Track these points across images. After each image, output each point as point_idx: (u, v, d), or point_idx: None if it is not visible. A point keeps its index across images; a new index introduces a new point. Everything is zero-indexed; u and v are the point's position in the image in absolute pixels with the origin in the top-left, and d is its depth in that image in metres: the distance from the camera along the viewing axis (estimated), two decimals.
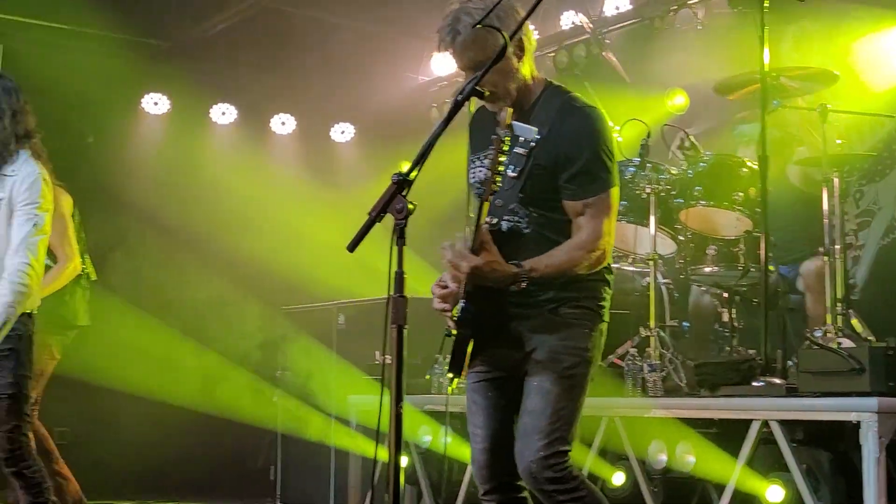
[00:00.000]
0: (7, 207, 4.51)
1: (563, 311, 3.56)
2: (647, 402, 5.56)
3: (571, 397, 3.53)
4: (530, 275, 3.41)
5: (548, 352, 3.53)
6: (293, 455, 8.63)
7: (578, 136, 3.51)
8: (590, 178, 3.50)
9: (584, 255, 3.48)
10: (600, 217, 3.51)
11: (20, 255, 4.46)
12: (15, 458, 4.52)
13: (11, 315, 4.43)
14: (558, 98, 3.59)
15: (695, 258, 6.35)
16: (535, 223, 3.56)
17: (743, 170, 6.16)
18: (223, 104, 10.61)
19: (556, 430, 3.47)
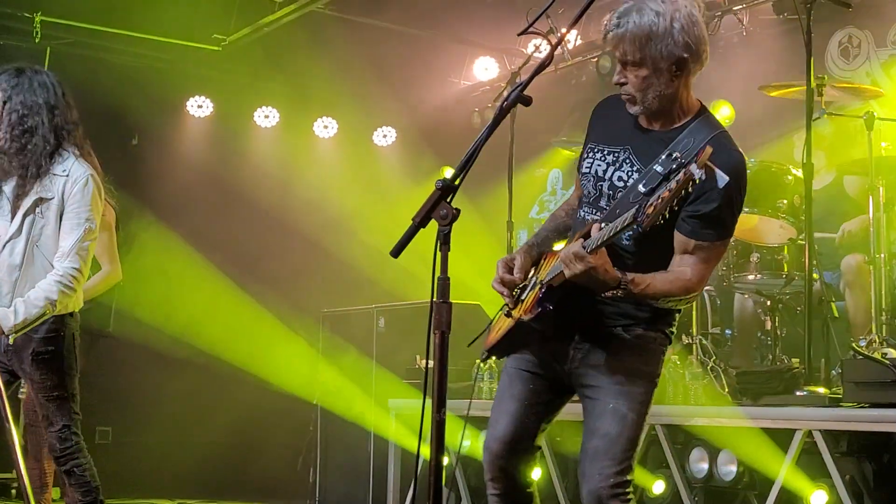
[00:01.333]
0: (57, 208, 4.55)
1: (638, 332, 3.46)
2: (689, 410, 5.52)
3: (642, 424, 3.47)
4: (629, 287, 3.27)
5: (626, 373, 3.43)
6: (332, 457, 8.66)
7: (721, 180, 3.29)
8: (715, 222, 3.33)
9: (681, 293, 3.35)
10: (708, 263, 3.37)
11: (71, 258, 4.49)
12: (66, 456, 4.56)
13: (49, 311, 4.46)
14: (709, 130, 3.40)
15: (738, 265, 6.30)
16: (638, 241, 3.40)
17: (788, 177, 6.11)
18: (267, 108, 10.67)
19: (627, 458, 3.41)
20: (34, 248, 4.53)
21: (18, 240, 4.53)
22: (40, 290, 4.44)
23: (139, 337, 9.18)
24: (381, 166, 11.05)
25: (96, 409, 4.73)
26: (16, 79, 4.61)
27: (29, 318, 4.42)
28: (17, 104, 4.56)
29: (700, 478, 5.45)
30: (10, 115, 4.55)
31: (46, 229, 4.53)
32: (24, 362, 4.54)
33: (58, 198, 4.53)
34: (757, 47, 8.19)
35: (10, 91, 4.58)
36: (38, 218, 4.53)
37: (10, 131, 4.55)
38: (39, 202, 4.53)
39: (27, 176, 4.53)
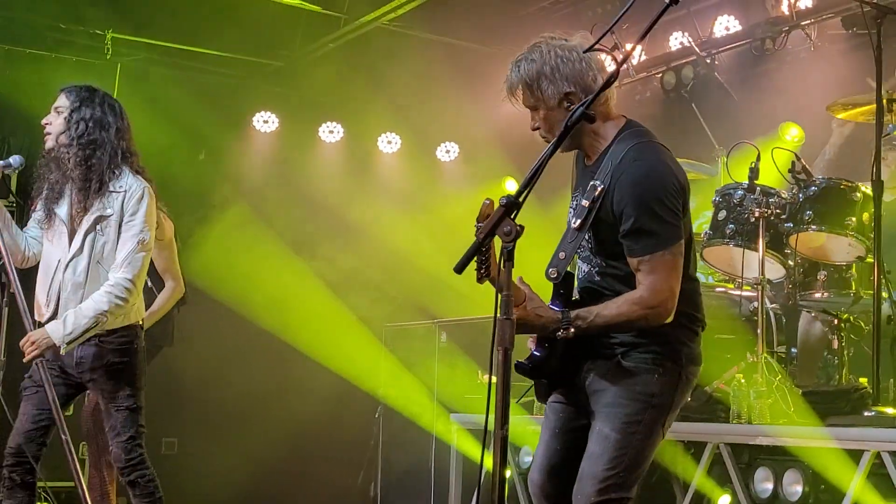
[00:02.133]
0: (116, 223, 4.62)
1: (634, 356, 3.50)
2: (754, 430, 5.46)
3: (631, 444, 3.46)
4: (576, 322, 3.36)
5: (611, 397, 3.50)
6: (394, 472, 8.67)
7: (631, 191, 3.39)
8: (643, 235, 3.38)
9: (638, 311, 3.38)
10: (657, 274, 3.38)
11: (124, 269, 4.57)
12: (130, 467, 4.64)
13: (102, 322, 4.52)
14: (626, 145, 3.48)
15: (804, 283, 6.23)
16: (606, 274, 3.53)
17: (856, 194, 6.03)
18: (331, 123, 10.75)
19: (610, 478, 3.43)
20: (97, 265, 4.60)
21: (81, 258, 4.61)
22: (91, 301, 4.52)
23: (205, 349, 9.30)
24: (444, 181, 11.07)
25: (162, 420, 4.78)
26: (87, 93, 4.72)
27: (78, 329, 4.48)
28: (87, 114, 4.66)
29: (765, 498, 5.38)
30: (77, 124, 4.64)
31: (107, 246, 4.61)
32: (96, 373, 4.61)
33: (117, 214, 4.60)
34: (825, 62, 8.09)
35: (80, 103, 4.68)
36: (98, 235, 4.60)
37: (78, 139, 4.63)
38: (100, 220, 4.60)
39: (88, 190, 4.60)
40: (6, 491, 4.60)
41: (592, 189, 3.44)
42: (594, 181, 3.45)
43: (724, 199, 6.36)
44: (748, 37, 8.58)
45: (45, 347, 4.49)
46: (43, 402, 4.61)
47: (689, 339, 3.57)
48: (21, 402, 4.71)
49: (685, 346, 3.56)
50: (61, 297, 4.62)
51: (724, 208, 6.31)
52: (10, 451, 4.60)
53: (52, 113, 4.74)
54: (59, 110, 4.71)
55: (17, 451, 4.60)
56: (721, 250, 6.36)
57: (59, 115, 4.70)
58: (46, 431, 4.64)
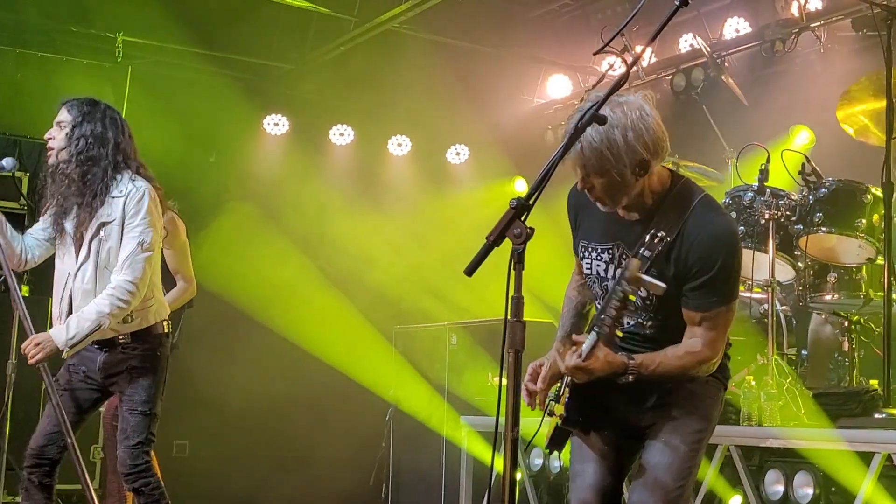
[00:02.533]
0: (119, 227, 4.63)
1: (692, 382, 3.54)
2: (765, 432, 5.46)
3: (694, 459, 3.53)
4: (639, 370, 3.39)
5: (679, 413, 3.53)
6: (405, 473, 8.68)
7: (714, 248, 3.38)
8: (713, 291, 3.40)
9: (695, 364, 3.44)
10: (717, 330, 3.43)
11: (124, 272, 4.57)
12: (135, 474, 4.64)
13: (104, 325, 4.52)
14: (688, 200, 3.44)
15: (815, 286, 6.23)
16: (660, 327, 3.53)
17: (866, 196, 6.03)
18: (341, 125, 10.77)
19: (677, 489, 3.47)
20: (103, 270, 4.61)
21: (87, 265, 4.63)
22: (93, 304, 4.53)
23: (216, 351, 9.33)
24: (453, 183, 11.08)
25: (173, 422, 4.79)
26: (89, 107, 4.72)
27: (81, 332, 4.49)
28: (87, 130, 4.67)
29: (776, 500, 5.37)
30: (78, 140, 4.65)
31: (112, 251, 4.61)
32: (119, 377, 4.64)
33: (119, 218, 4.61)
34: (835, 64, 8.09)
35: (82, 118, 4.69)
36: (103, 241, 4.61)
37: (76, 155, 4.64)
38: (103, 226, 4.61)
39: (83, 204, 4.62)
40: (24, 492, 4.62)
41: (655, 239, 3.34)
42: (656, 232, 3.34)
43: (734, 201, 6.36)
44: (758, 39, 8.57)
45: (49, 351, 4.50)
46: (65, 405, 4.64)
47: (728, 360, 3.68)
48: (46, 405, 4.73)
49: (728, 368, 3.69)
50: (73, 305, 4.63)
51: (734, 210, 6.31)
52: (31, 452, 4.63)
53: (54, 127, 4.74)
54: (61, 125, 4.72)
55: (38, 453, 4.62)
56: None
57: (61, 130, 4.71)
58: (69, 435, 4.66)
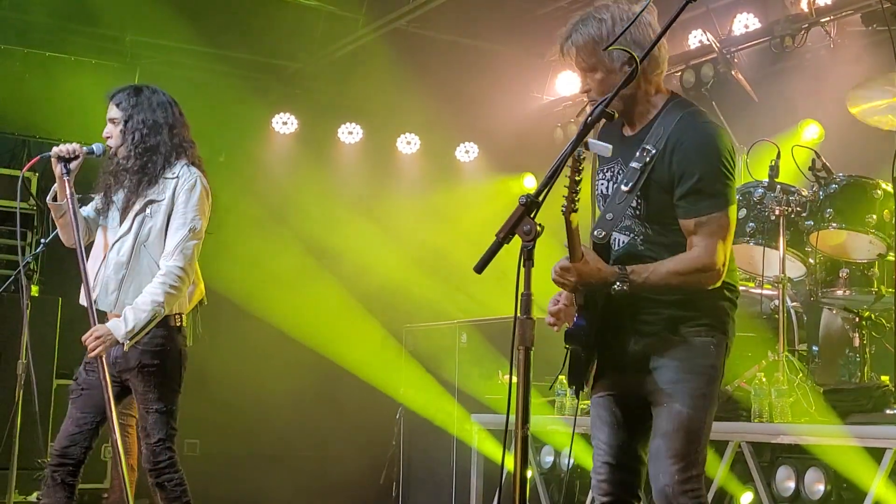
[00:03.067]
0: (166, 209, 4.65)
1: (684, 331, 3.49)
2: (775, 428, 5.44)
3: (702, 418, 3.47)
4: (632, 277, 3.36)
5: (676, 371, 3.47)
6: (415, 472, 8.69)
7: (696, 152, 3.42)
8: (705, 195, 3.41)
9: (692, 271, 3.40)
10: (715, 236, 3.40)
11: (175, 258, 4.59)
12: (158, 469, 4.64)
13: (159, 313, 4.53)
14: (679, 112, 3.50)
15: (826, 281, 6.21)
16: (652, 242, 3.51)
17: (877, 191, 6.01)
18: (350, 124, 10.77)
19: (690, 454, 3.42)
20: (141, 247, 4.63)
21: (127, 238, 4.64)
22: (146, 294, 4.53)
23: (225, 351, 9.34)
24: (463, 181, 11.08)
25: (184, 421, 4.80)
26: (135, 98, 4.75)
27: (139, 323, 4.51)
28: (140, 122, 4.70)
29: (787, 496, 5.36)
30: (133, 133, 4.69)
31: (153, 231, 4.63)
32: (130, 373, 4.64)
33: (167, 200, 4.64)
34: (845, 60, 8.06)
35: (132, 110, 4.71)
36: (147, 218, 4.64)
37: (134, 149, 4.68)
38: (150, 203, 4.64)
39: (139, 186, 4.66)
40: (46, 489, 4.62)
41: (644, 152, 3.44)
42: (645, 145, 3.45)
43: (744, 198, 6.35)
44: (767, 34, 8.54)
45: (110, 344, 4.51)
46: (86, 406, 4.65)
47: (731, 310, 3.59)
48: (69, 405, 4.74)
49: (729, 317, 3.58)
50: (101, 274, 4.65)
51: (744, 206, 6.30)
52: (55, 451, 4.64)
53: (108, 125, 4.77)
54: (114, 121, 4.75)
55: (62, 453, 4.63)
56: (741, 249, 6.35)
57: (115, 127, 4.74)
58: (91, 434, 4.66)
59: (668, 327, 3.50)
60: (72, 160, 4.69)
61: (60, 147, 4.69)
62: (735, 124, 7.89)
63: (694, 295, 3.48)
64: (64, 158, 4.67)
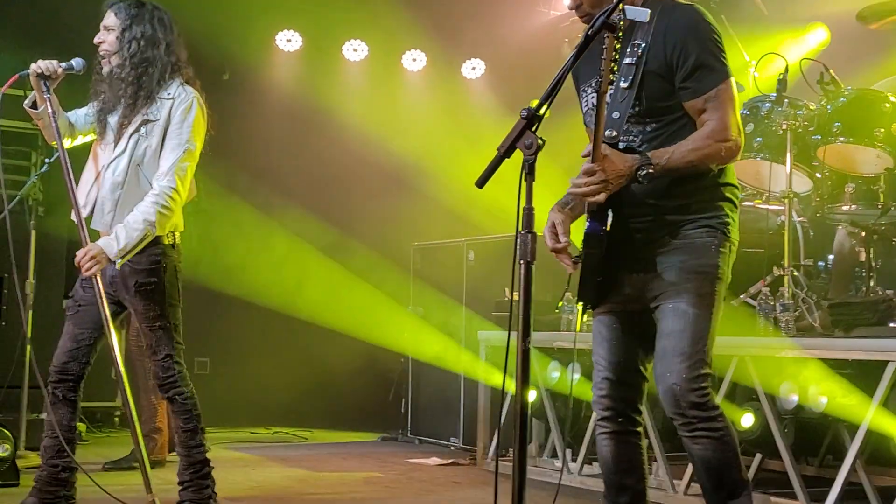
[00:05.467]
0: (161, 129, 4.64)
1: (685, 233, 3.50)
2: (780, 342, 5.46)
3: (708, 317, 3.47)
4: (654, 161, 3.37)
5: (679, 272, 3.48)
6: (424, 389, 8.76)
7: (687, 32, 3.46)
8: (706, 70, 3.45)
9: (713, 145, 3.42)
10: (724, 108, 3.45)
11: (168, 178, 4.58)
12: (168, 384, 4.69)
13: (150, 233, 4.54)
14: (658, 4, 3.53)
15: (832, 196, 6.19)
16: (651, 139, 3.51)
17: (885, 105, 5.95)
18: (355, 41, 10.68)
19: (697, 352, 3.42)
20: (137, 167, 4.63)
21: (122, 158, 4.64)
22: (138, 212, 4.54)
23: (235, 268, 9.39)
24: (470, 98, 11.01)
25: (194, 340, 4.85)
26: (136, 10, 4.72)
27: (131, 241, 4.51)
28: (137, 33, 4.67)
29: (790, 409, 5.39)
30: (130, 43, 4.66)
31: (149, 150, 4.63)
32: (128, 292, 4.66)
33: (163, 120, 4.63)
34: None
35: (131, 20, 4.69)
36: (142, 138, 4.63)
37: (130, 59, 4.66)
38: (145, 123, 4.63)
39: (136, 103, 4.64)
40: (50, 407, 4.69)
41: (634, 47, 3.46)
42: (634, 41, 3.47)
43: (752, 112, 6.30)
44: None
45: (104, 262, 4.52)
46: (83, 322, 4.69)
47: (733, 211, 3.61)
48: (66, 322, 4.78)
49: (731, 218, 3.59)
50: (99, 195, 4.66)
51: (752, 121, 6.26)
52: (54, 368, 4.69)
53: (101, 31, 4.73)
54: (109, 28, 4.71)
55: (61, 369, 4.68)
56: (749, 164, 6.32)
57: (109, 34, 4.70)
58: (89, 350, 4.71)
59: (669, 232, 3.51)
60: (51, 77, 4.67)
61: (39, 63, 4.65)
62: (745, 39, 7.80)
63: (693, 197, 3.51)
64: (43, 75, 4.65)
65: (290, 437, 9.15)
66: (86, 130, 4.86)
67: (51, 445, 4.68)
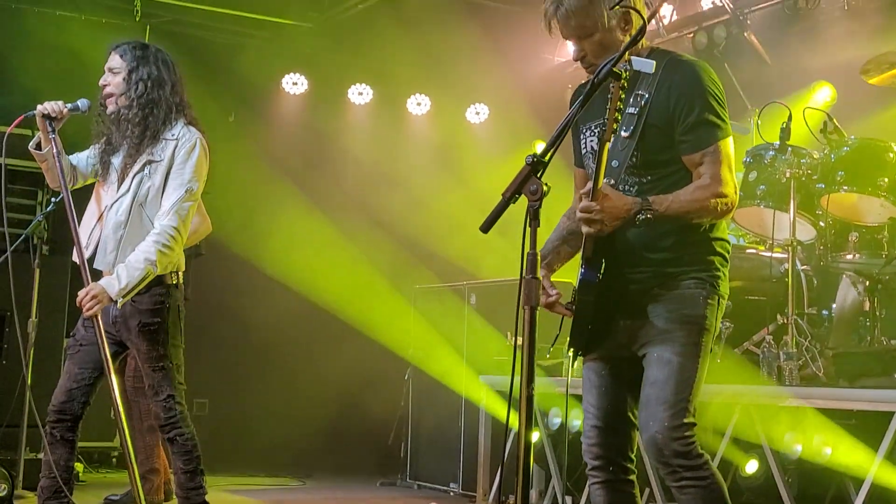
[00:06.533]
0: (164, 170, 4.66)
1: (674, 283, 3.52)
2: (783, 391, 5.43)
3: (693, 367, 3.47)
4: (654, 207, 3.37)
5: (666, 321, 3.49)
6: (423, 434, 8.72)
7: (691, 87, 3.49)
8: (708, 126, 3.48)
9: (708, 198, 3.43)
10: (722, 164, 3.47)
11: (170, 217, 4.60)
12: (169, 425, 4.67)
13: (152, 272, 4.54)
14: (664, 57, 3.55)
15: (836, 245, 6.18)
16: (647, 191, 3.51)
17: (889, 154, 5.97)
18: (360, 84, 10.74)
19: (680, 401, 3.42)
20: (140, 207, 4.64)
21: (125, 197, 4.65)
22: (139, 251, 4.54)
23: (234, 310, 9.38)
24: (473, 143, 11.05)
25: (194, 380, 4.84)
26: (141, 51, 4.76)
27: (132, 281, 4.51)
28: (144, 74, 4.71)
29: (794, 459, 5.36)
30: (137, 84, 4.69)
31: (152, 190, 4.64)
32: (131, 333, 4.65)
33: (166, 160, 4.65)
34: (860, 22, 7.98)
35: (137, 62, 4.72)
36: (145, 178, 4.64)
37: (137, 99, 4.68)
38: (148, 163, 4.65)
39: (141, 143, 4.66)
40: (48, 446, 4.66)
41: (638, 98, 3.48)
42: (637, 91, 3.49)
43: (756, 160, 6.32)
44: None
45: (105, 302, 4.52)
46: (84, 361, 4.67)
47: (724, 265, 3.62)
48: (66, 361, 4.77)
49: (721, 273, 3.60)
50: (101, 234, 4.67)
51: (755, 169, 6.27)
52: (52, 408, 4.67)
53: (107, 73, 4.76)
54: (114, 71, 4.74)
55: (59, 409, 4.66)
56: (752, 211, 6.32)
57: (115, 76, 4.74)
58: (89, 390, 4.69)
59: (660, 283, 3.52)
60: (56, 118, 4.70)
61: (45, 105, 4.69)
62: (747, 86, 7.85)
63: (685, 250, 3.53)
64: (49, 116, 4.68)
65: (289, 481, 9.09)
66: (88, 174, 4.88)
67: (48, 486, 4.65)
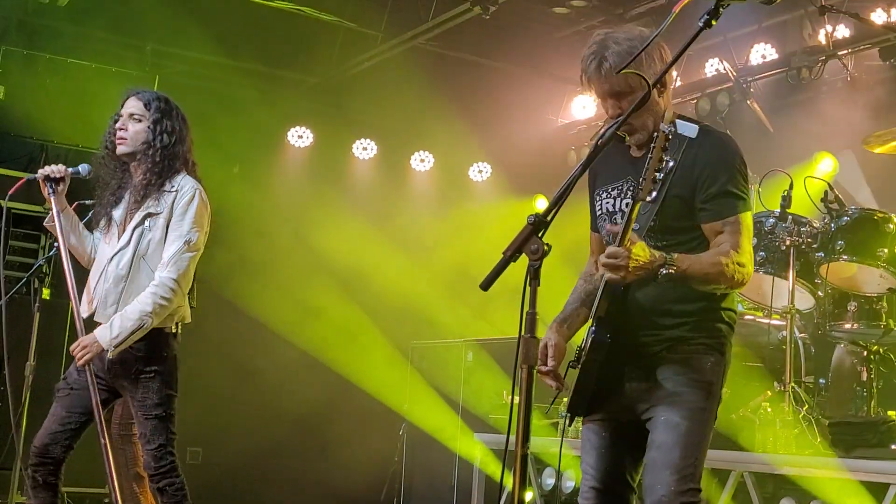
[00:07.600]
0: (165, 221, 4.68)
1: (682, 349, 3.51)
2: (779, 459, 5.42)
3: (700, 432, 3.46)
4: (677, 263, 3.36)
5: (674, 384, 3.48)
6: (416, 489, 8.67)
7: (718, 158, 3.51)
8: (731, 197, 3.49)
9: (730, 266, 3.42)
10: (742, 235, 3.47)
11: (169, 269, 4.61)
12: (160, 475, 4.64)
13: (147, 323, 4.54)
14: (690, 128, 3.56)
15: (834, 314, 6.19)
16: (661, 249, 3.48)
17: (889, 225, 6.00)
18: (365, 140, 10.81)
19: (687, 466, 3.40)
20: (140, 260, 4.65)
21: (126, 250, 4.66)
22: (137, 303, 4.54)
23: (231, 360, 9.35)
24: (476, 201, 11.10)
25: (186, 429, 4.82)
26: (165, 105, 4.80)
27: (124, 331, 4.51)
28: (168, 127, 4.75)
29: None
30: (162, 135, 4.73)
31: (153, 242, 4.65)
32: (126, 379, 4.64)
33: (166, 212, 4.65)
34: (862, 93, 8.07)
35: (161, 114, 4.76)
36: (146, 230, 4.65)
37: (162, 150, 4.71)
38: (149, 216, 4.66)
39: (145, 193, 4.68)
40: (30, 490, 4.63)
41: (662, 162, 3.38)
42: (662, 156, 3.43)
43: (756, 227, 6.33)
44: (784, 65, 8.56)
45: (96, 351, 4.53)
46: (73, 406, 4.65)
47: (729, 334, 3.62)
48: (53, 403, 4.75)
49: (727, 339, 3.60)
50: (102, 287, 4.68)
51: (755, 236, 6.29)
52: (35, 450, 4.63)
53: (125, 118, 4.77)
54: (135, 117, 4.76)
55: (42, 452, 4.62)
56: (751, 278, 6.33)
57: (137, 123, 4.75)
58: (73, 435, 4.66)
59: (668, 347, 3.51)
60: (58, 181, 4.74)
61: (47, 168, 4.74)
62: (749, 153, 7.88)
63: (696, 316, 3.52)
64: (51, 179, 4.72)
65: None
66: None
67: None
